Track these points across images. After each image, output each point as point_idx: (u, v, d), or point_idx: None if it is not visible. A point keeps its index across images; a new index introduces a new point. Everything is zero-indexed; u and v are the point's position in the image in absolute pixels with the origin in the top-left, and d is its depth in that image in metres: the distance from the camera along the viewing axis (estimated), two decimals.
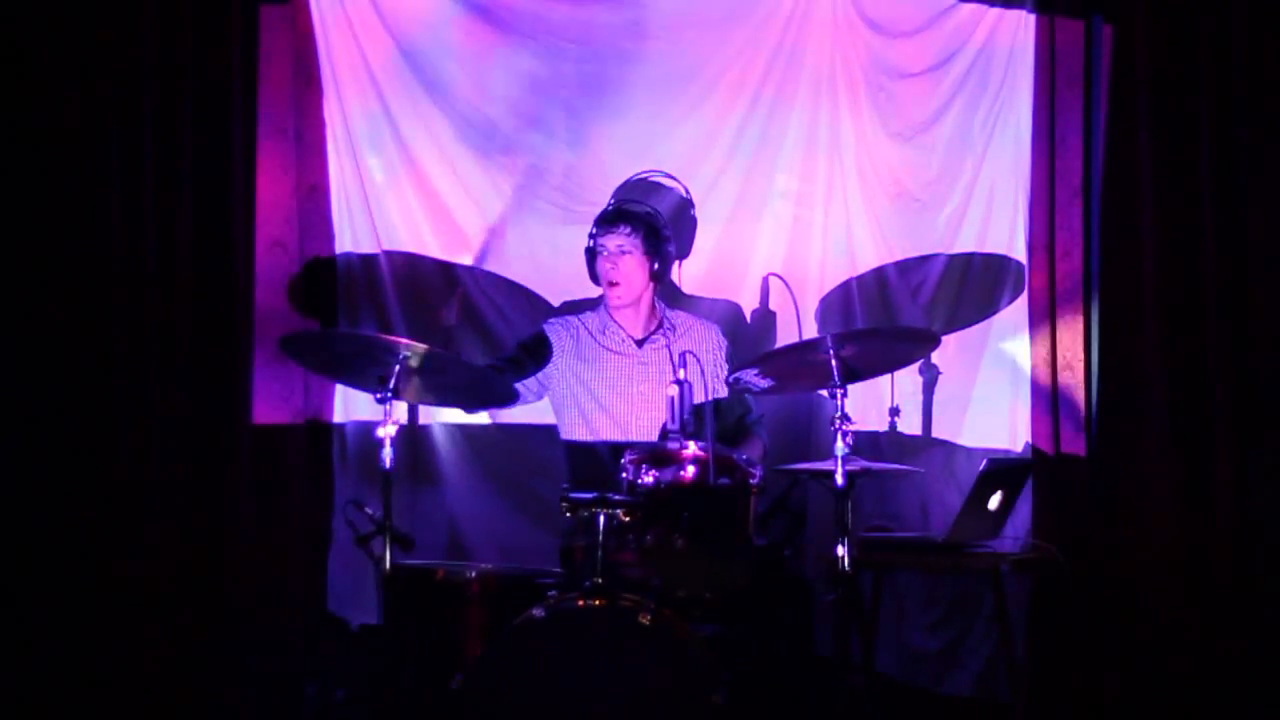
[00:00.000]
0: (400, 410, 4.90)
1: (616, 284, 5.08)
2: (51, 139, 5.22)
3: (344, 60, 5.55)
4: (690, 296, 5.60)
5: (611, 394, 5.12)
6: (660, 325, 5.17)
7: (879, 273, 5.64)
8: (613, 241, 5.07)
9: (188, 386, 5.25)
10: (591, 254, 5.12)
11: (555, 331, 5.19)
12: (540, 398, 5.21)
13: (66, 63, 5.22)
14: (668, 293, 5.37)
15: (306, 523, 5.40)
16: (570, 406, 5.15)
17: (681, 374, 4.57)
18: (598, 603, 4.18)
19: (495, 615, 4.36)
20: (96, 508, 5.16)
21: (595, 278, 5.14)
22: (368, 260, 5.56)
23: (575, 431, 5.15)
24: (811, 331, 5.52)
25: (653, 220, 5.11)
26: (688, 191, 5.56)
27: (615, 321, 5.15)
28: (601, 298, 5.17)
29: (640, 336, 5.16)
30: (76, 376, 5.19)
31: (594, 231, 5.11)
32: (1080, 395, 5.44)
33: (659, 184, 5.55)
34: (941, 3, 5.61)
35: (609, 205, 5.26)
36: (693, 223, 5.59)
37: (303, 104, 5.50)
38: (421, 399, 5.04)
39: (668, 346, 5.02)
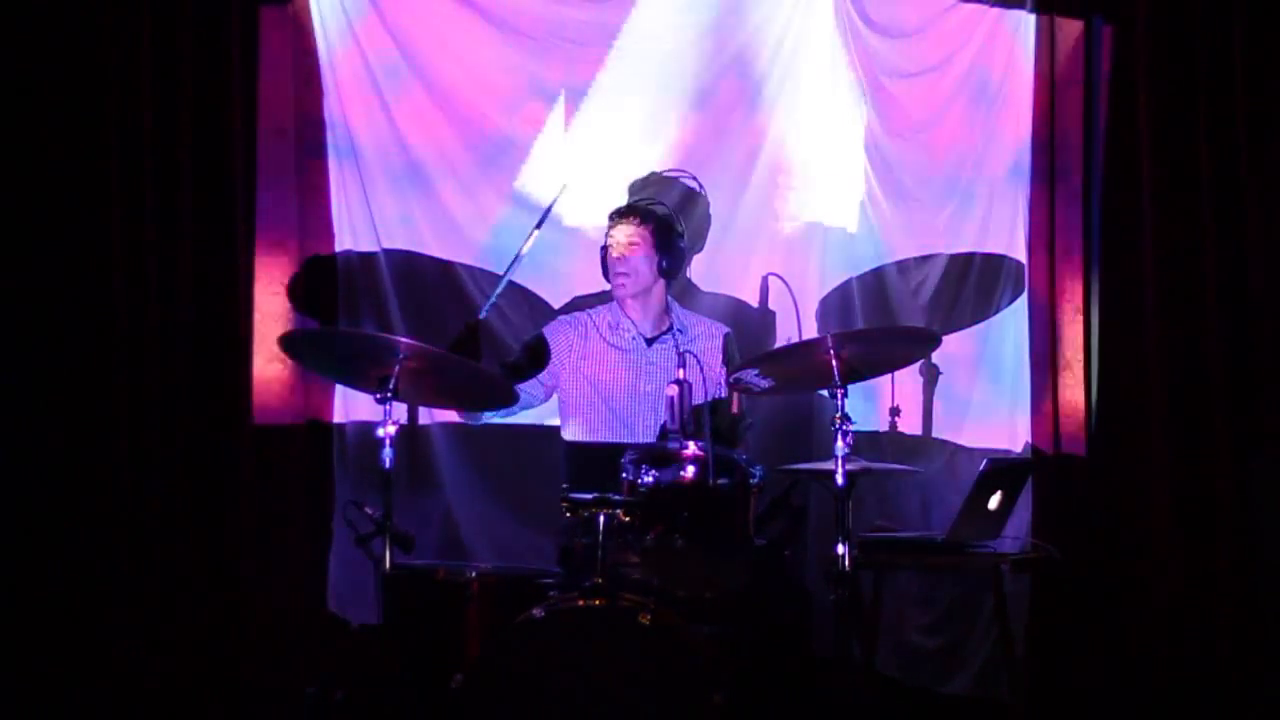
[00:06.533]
0: (400, 410, 4.90)
1: (623, 274, 5.08)
2: (51, 139, 5.21)
3: (344, 60, 5.54)
4: (704, 293, 5.60)
5: (618, 392, 5.12)
6: (671, 327, 5.17)
7: (879, 273, 5.64)
8: (621, 233, 5.07)
9: (188, 386, 5.26)
10: (605, 250, 5.12)
11: (563, 330, 5.19)
12: (546, 399, 5.22)
13: (67, 63, 5.22)
14: (681, 289, 5.36)
15: (306, 523, 5.40)
16: (576, 405, 5.15)
17: (681, 374, 4.57)
18: (598, 603, 4.18)
19: (495, 615, 4.35)
20: (97, 507, 5.16)
21: (607, 274, 5.14)
22: (368, 260, 5.56)
23: (578, 431, 5.15)
24: (811, 331, 5.52)
25: (664, 216, 5.11)
26: (702, 187, 5.57)
27: (627, 316, 5.15)
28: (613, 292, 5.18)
29: (650, 335, 5.16)
30: (76, 376, 5.19)
31: (606, 227, 5.12)
32: (1080, 395, 5.45)
33: (674, 180, 5.56)
34: (941, 3, 5.62)
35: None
36: (708, 219, 5.60)
37: (303, 104, 5.50)
38: (421, 400, 5.04)
39: (676, 348, 5.00)
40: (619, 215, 5.11)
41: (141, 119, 5.25)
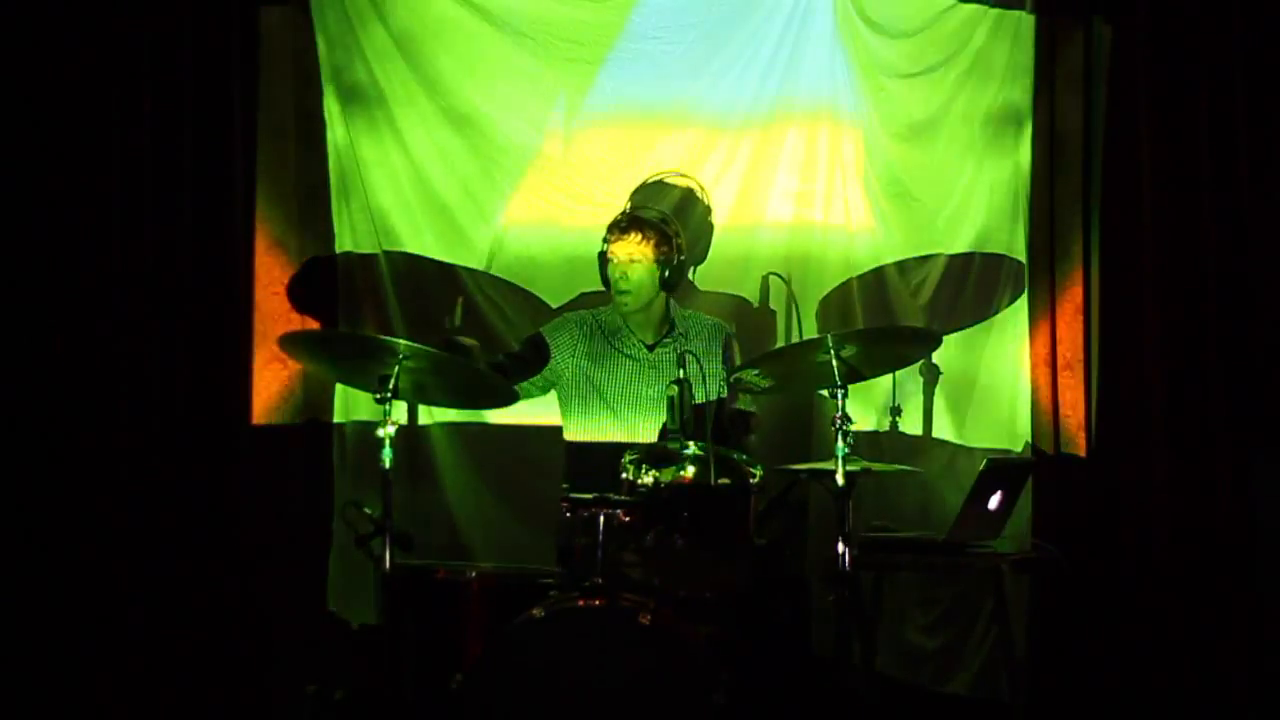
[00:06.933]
0: (400, 410, 4.90)
1: (625, 292, 5.07)
2: (52, 139, 5.21)
3: (344, 60, 5.54)
4: (704, 292, 5.60)
5: (620, 397, 5.11)
6: (671, 329, 5.16)
7: (879, 273, 5.64)
8: (622, 250, 5.05)
9: (188, 387, 5.26)
10: (603, 259, 5.11)
11: (566, 328, 5.18)
12: (546, 391, 5.21)
13: (67, 63, 5.21)
14: (682, 290, 5.36)
15: (306, 523, 5.40)
16: (577, 405, 5.15)
17: (681, 374, 4.57)
18: (598, 603, 4.18)
19: (495, 615, 4.35)
20: (96, 507, 5.16)
21: (607, 283, 5.13)
22: (368, 260, 5.56)
23: (579, 431, 5.15)
24: (811, 331, 5.52)
25: (665, 228, 5.09)
26: (705, 196, 5.56)
27: (627, 325, 5.15)
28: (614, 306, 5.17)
29: (652, 341, 5.16)
30: (76, 377, 5.19)
31: (606, 238, 5.10)
32: (1080, 395, 5.44)
33: (675, 185, 5.55)
34: (941, 3, 5.61)
35: (624, 211, 5.24)
36: (709, 227, 5.59)
37: (303, 104, 5.50)
38: (421, 400, 5.04)
39: (677, 352, 5.00)
40: (620, 229, 5.07)
41: (142, 118, 5.25)
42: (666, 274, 5.06)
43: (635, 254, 5.04)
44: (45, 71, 5.21)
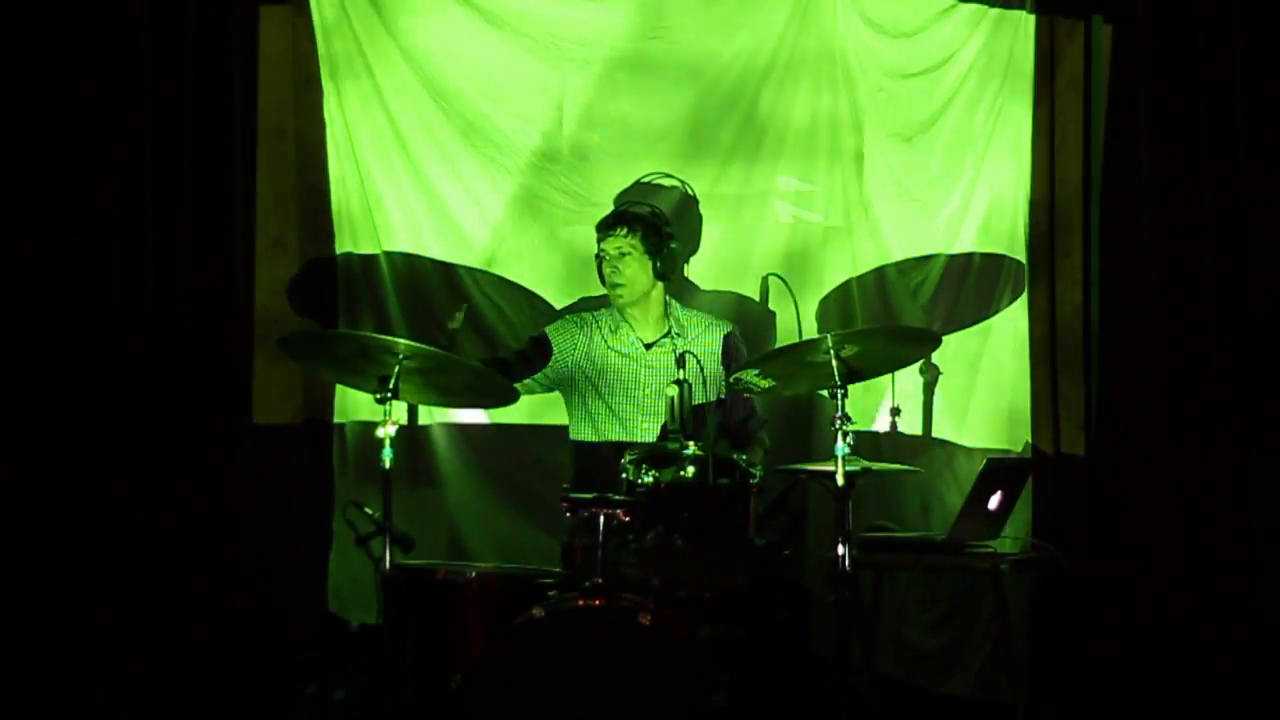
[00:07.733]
0: (400, 410, 4.90)
1: (619, 285, 5.10)
2: (51, 139, 5.21)
3: (344, 60, 5.55)
4: (706, 291, 5.60)
5: (618, 397, 5.13)
6: (669, 330, 5.17)
7: (879, 273, 5.65)
8: (611, 245, 5.10)
9: (188, 386, 5.25)
10: (598, 259, 5.13)
11: (567, 329, 5.20)
12: (550, 390, 5.22)
13: (66, 63, 5.21)
14: (680, 290, 5.37)
15: (306, 523, 5.40)
16: (578, 406, 5.16)
17: (681, 374, 4.57)
18: (598, 603, 4.18)
19: (495, 615, 4.35)
20: (96, 507, 5.16)
21: (604, 282, 5.15)
22: (368, 260, 5.56)
23: (582, 431, 5.16)
24: (811, 331, 5.52)
25: (653, 219, 5.12)
26: (689, 188, 5.57)
27: (626, 323, 5.16)
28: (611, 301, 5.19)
29: (650, 340, 5.17)
30: (76, 377, 5.19)
31: (597, 238, 5.13)
32: (1080, 395, 5.44)
33: (660, 185, 5.56)
34: (941, 3, 5.61)
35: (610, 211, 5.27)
36: (698, 218, 5.60)
37: (303, 104, 5.50)
38: (421, 400, 5.04)
39: (674, 351, 5.01)
40: (607, 226, 5.13)
41: (142, 118, 5.25)
42: (658, 264, 5.09)
43: (624, 247, 5.08)
44: (45, 71, 5.21)
